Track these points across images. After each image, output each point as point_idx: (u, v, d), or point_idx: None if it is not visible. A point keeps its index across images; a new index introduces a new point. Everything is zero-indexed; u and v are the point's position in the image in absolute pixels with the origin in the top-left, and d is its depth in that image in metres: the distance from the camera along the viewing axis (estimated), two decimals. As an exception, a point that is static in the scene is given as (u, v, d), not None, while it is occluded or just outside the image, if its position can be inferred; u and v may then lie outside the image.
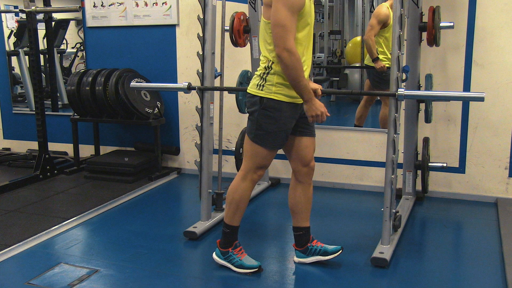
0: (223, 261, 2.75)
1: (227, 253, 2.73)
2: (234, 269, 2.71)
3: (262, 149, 2.56)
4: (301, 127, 2.64)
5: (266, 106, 2.48)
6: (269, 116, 2.48)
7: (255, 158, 2.59)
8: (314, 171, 2.73)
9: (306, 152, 2.67)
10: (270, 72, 2.46)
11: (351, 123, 4.72)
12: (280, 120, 2.49)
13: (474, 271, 2.78)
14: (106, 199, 3.92)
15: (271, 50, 2.43)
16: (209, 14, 3.31)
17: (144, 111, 4.53)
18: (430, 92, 3.30)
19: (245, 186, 2.65)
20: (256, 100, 2.50)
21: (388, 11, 4.38)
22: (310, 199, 2.74)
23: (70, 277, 2.65)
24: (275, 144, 2.58)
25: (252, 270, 2.69)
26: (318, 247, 2.76)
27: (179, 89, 3.44)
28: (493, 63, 3.66)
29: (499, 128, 3.72)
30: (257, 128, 2.53)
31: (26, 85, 6.03)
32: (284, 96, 2.46)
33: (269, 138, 2.54)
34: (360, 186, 4.20)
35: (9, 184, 4.25)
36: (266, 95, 2.47)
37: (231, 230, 2.71)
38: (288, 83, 2.42)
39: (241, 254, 2.73)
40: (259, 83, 2.49)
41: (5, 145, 5.65)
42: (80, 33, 6.73)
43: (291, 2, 2.28)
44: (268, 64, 2.47)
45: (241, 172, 2.67)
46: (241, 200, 2.67)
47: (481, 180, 3.84)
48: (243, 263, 2.70)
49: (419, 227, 3.44)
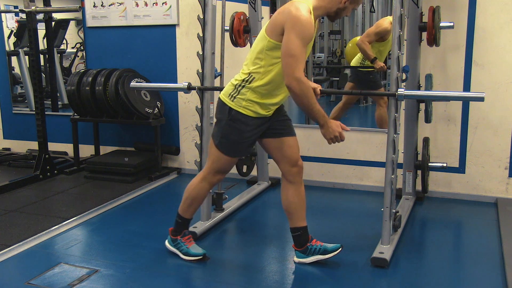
0: (173, 248, 2.90)
1: (176, 240, 2.88)
2: (181, 256, 2.86)
3: (224, 156, 2.66)
4: (278, 129, 2.69)
5: (234, 118, 2.56)
6: (235, 127, 2.57)
7: (216, 163, 2.71)
8: (303, 170, 2.75)
9: (291, 152, 2.70)
10: (246, 86, 2.52)
11: (351, 123, 4.73)
12: (245, 133, 2.59)
13: (474, 271, 2.78)
14: (106, 199, 3.92)
15: (260, 66, 2.48)
16: (209, 14, 3.31)
17: (144, 111, 4.53)
18: (430, 92, 3.30)
19: (202, 186, 2.78)
20: (225, 109, 2.57)
21: (390, 27, 4.34)
22: (303, 198, 2.75)
23: (70, 277, 2.65)
24: (237, 153, 2.71)
25: (197, 258, 2.84)
26: (318, 246, 2.76)
27: (179, 89, 3.44)
28: (493, 63, 3.66)
29: (499, 128, 3.72)
30: (222, 136, 2.62)
31: (26, 85, 6.03)
32: (252, 112, 2.55)
33: (232, 147, 2.65)
34: (360, 186, 4.20)
35: (9, 184, 4.25)
36: (235, 107, 2.55)
37: (183, 221, 2.87)
38: (261, 101, 2.52)
39: (189, 243, 2.88)
40: (232, 93, 2.56)
41: (5, 145, 5.65)
42: (80, 33, 6.73)
43: (304, 34, 2.34)
44: (248, 78, 2.52)
45: (202, 173, 2.79)
46: (196, 198, 2.81)
47: (481, 180, 3.84)
48: (189, 251, 2.85)
49: (419, 227, 3.44)
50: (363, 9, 6.40)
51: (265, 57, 2.46)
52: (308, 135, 4.30)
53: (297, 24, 2.32)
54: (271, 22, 2.45)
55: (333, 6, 2.47)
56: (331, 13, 2.52)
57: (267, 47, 2.44)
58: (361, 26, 6.42)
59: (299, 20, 2.32)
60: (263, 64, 2.47)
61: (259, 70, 2.48)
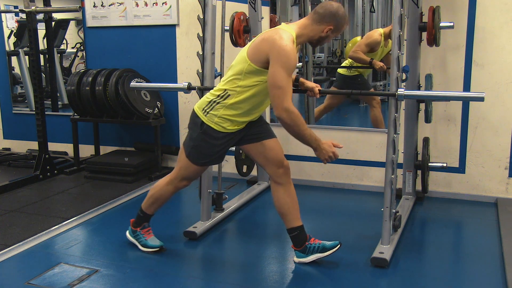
0: (132, 239, 3.02)
1: (135, 232, 3.00)
2: (140, 247, 2.98)
3: (193, 165, 2.73)
4: (256, 133, 2.73)
5: (205, 132, 2.61)
6: (206, 141, 2.63)
7: (184, 170, 2.78)
8: (290, 169, 2.76)
9: (274, 154, 2.72)
10: (221, 102, 2.57)
11: (351, 123, 4.73)
12: (215, 146, 2.65)
13: (474, 271, 2.78)
14: (106, 199, 3.92)
15: (237, 86, 2.53)
16: (209, 14, 3.31)
17: (144, 111, 4.53)
18: (430, 92, 3.30)
19: (167, 189, 2.88)
20: (198, 122, 2.63)
21: (380, 38, 4.53)
22: (294, 197, 2.76)
23: (70, 277, 2.65)
24: (206, 163, 2.79)
25: (154, 249, 2.95)
26: (316, 244, 2.76)
27: (179, 89, 3.44)
28: (493, 63, 3.66)
29: (499, 128, 3.72)
30: (193, 147, 2.68)
31: (26, 85, 6.02)
32: (223, 128, 2.60)
33: (202, 158, 2.71)
34: (360, 186, 4.20)
35: (9, 184, 4.25)
36: (207, 122, 2.60)
37: (144, 215, 2.99)
38: (234, 119, 2.57)
39: (148, 235, 2.99)
40: (205, 108, 2.62)
41: (5, 145, 5.65)
42: (80, 33, 6.72)
43: (289, 64, 2.39)
44: (223, 94, 2.57)
45: (169, 176, 2.87)
46: (160, 198, 2.92)
47: (481, 180, 3.84)
48: (147, 243, 2.96)
49: (419, 227, 3.44)
50: (363, 9, 6.39)
51: (243, 79, 2.52)
52: (308, 135, 4.30)
53: (282, 55, 2.38)
54: (255, 47, 2.49)
55: (316, 34, 2.54)
56: (313, 41, 2.59)
57: (247, 70, 2.50)
58: (361, 26, 6.41)
59: (284, 51, 2.38)
60: (240, 84, 2.53)
61: (236, 89, 2.54)
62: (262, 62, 2.45)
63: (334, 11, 2.52)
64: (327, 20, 2.52)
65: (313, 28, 2.53)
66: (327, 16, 2.51)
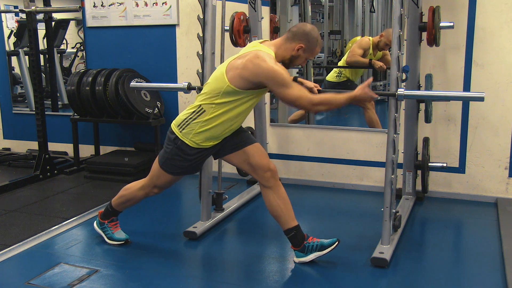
0: (99, 230, 3.10)
1: (103, 224, 3.08)
2: (106, 239, 3.06)
3: (167, 175, 2.79)
4: (235, 143, 2.75)
5: (179, 148, 2.66)
6: (180, 155, 2.68)
7: (157, 179, 2.85)
8: (277, 172, 2.77)
9: (257, 159, 2.73)
10: (196, 119, 2.61)
11: (351, 123, 4.73)
12: (190, 161, 2.70)
13: (474, 271, 2.78)
14: (106, 199, 3.91)
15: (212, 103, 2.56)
16: (209, 14, 3.31)
17: (144, 111, 4.53)
18: (430, 92, 3.30)
19: (138, 193, 2.95)
20: (172, 138, 2.69)
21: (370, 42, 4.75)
22: (286, 198, 2.76)
23: (70, 277, 2.65)
24: (180, 174, 2.83)
25: (120, 242, 3.04)
26: (315, 243, 2.76)
27: (179, 89, 3.44)
28: (493, 63, 3.66)
29: (499, 128, 3.72)
30: (167, 159, 2.73)
31: (26, 85, 6.03)
32: (197, 144, 2.66)
33: (176, 169, 2.77)
34: (360, 186, 4.20)
35: (9, 184, 4.25)
36: (182, 138, 2.65)
37: (113, 211, 3.06)
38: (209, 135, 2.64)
39: (115, 228, 3.08)
40: (181, 124, 2.66)
41: (5, 145, 5.65)
42: (80, 33, 6.72)
43: (286, 78, 2.48)
44: (197, 110, 2.62)
45: (142, 182, 2.94)
46: (131, 201, 3.00)
47: (481, 180, 3.84)
48: (113, 236, 3.05)
49: (419, 227, 3.44)
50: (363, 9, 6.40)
51: (220, 97, 2.55)
52: (308, 135, 4.31)
53: (276, 77, 2.45)
54: (236, 72, 2.49)
55: (287, 53, 2.58)
56: (285, 60, 2.63)
57: (225, 90, 2.52)
58: (361, 26, 6.42)
59: (274, 72, 2.45)
60: (216, 102, 2.56)
61: (211, 106, 2.57)
62: (244, 85, 2.50)
63: (307, 31, 2.58)
64: (299, 38, 2.57)
65: (286, 47, 2.58)
66: (299, 34, 2.57)
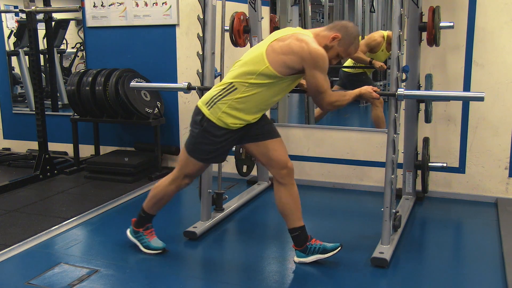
0: (134, 239, 2.97)
1: (138, 232, 2.96)
2: (141, 248, 2.94)
3: (195, 161, 2.71)
4: (260, 133, 2.70)
5: (206, 129, 2.59)
6: (207, 138, 2.61)
7: (186, 168, 2.77)
8: (294, 171, 2.74)
9: (277, 154, 2.70)
10: (226, 96, 2.55)
11: (351, 123, 4.73)
12: (218, 144, 2.63)
13: (474, 271, 2.78)
14: (106, 199, 3.92)
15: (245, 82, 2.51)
16: (209, 14, 3.31)
17: (144, 111, 4.53)
18: (430, 92, 3.30)
19: (170, 188, 2.85)
20: (198, 120, 2.61)
21: (381, 41, 4.59)
22: (297, 198, 2.75)
23: (70, 277, 2.65)
24: (208, 160, 2.76)
25: (157, 251, 2.92)
26: (317, 245, 2.76)
27: (179, 89, 3.44)
28: (493, 63, 3.66)
29: (499, 128, 3.72)
30: (194, 143, 2.66)
31: (26, 85, 6.03)
32: (225, 124, 2.57)
33: (203, 154, 2.70)
34: (360, 186, 4.20)
35: (9, 184, 4.25)
36: (210, 116, 2.58)
37: (146, 216, 2.95)
38: (238, 115, 2.56)
39: (151, 236, 2.95)
40: (209, 102, 2.59)
41: (5, 145, 5.65)
42: (80, 33, 6.72)
43: (326, 67, 2.50)
44: (228, 87, 2.55)
45: (171, 176, 2.85)
46: (162, 198, 2.89)
47: (481, 180, 3.84)
48: (149, 245, 2.93)
49: (419, 227, 3.44)
50: (363, 9, 6.39)
51: (255, 78, 2.50)
52: (308, 135, 4.31)
53: (317, 60, 2.45)
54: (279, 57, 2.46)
55: (322, 42, 2.55)
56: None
57: (263, 72, 2.48)
58: (361, 26, 6.41)
59: (317, 55, 2.45)
60: (250, 82, 2.51)
61: (244, 85, 2.52)
62: (284, 71, 2.48)
63: (347, 25, 2.59)
64: (337, 28, 2.57)
65: (323, 35, 2.56)
66: (339, 25, 2.58)
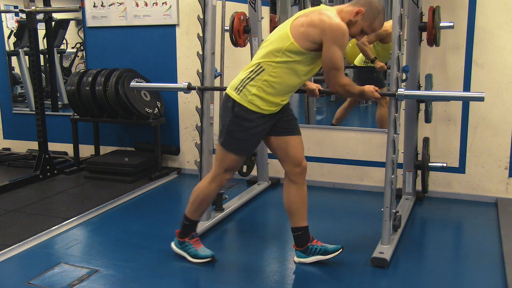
0: (180, 250, 2.86)
1: (183, 243, 2.85)
2: (189, 258, 2.82)
3: (230, 154, 2.65)
4: (284, 127, 2.68)
5: (237, 115, 2.54)
6: (239, 124, 2.55)
7: (224, 162, 2.69)
8: (306, 170, 2.74)
9: (295, 152, 2.70)
10: (254, 79, 2.50)
11: (351, 123, 4.73)
12: (250, 130, 2.57)
13: (474, 271, 2.78)
14: (106, 199, 3.92)
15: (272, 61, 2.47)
16: (209, 14, 3.31)
17: (144, 111, 4.53)
18: (430, 92, 3.30)
19: (211, 188, 2.77)
20: (229, 106, 2.56)
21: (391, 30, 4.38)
22: (305, 198, 2.75)
23: (70, 277, 2.65)
24: (242, 150, 2.68)
25: (206, 260, 2.80)
26: (318, 246, 2.76)
27: (179, 89, 3.44)
28: (493, 63, 3.66)
29: (499, 128, 3.72)
30: (227, 133, 2.60)
31: (26, 85, 6.03)
32: (256, 107, 2.53)
33: (237, 144, 2.62)
34: (360, 186, 4.20)
35: (9, 184, 4.25)
36: (240, 100, 2.53)
37: (191, 223, 2.84)
38: (267, 98, 2.51)
39: (197, 245, 2.84)
40: (238, 86, 2.55)
41: (5, 145, 5.65)
42: (80, 33, 6.72)
43: (344, 43, 2.44)
44: (256, 69, 2.51)
45: (210, 174, 2.78)
46: (205, 200, 2.80)
47: (481, 180, 3.84)
48: (197, 253, 2.81)
49: (419, 227, 3.44)
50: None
51: (281, 56, 2.46)
52: (308, 135, 4.29)
53: (339, 37, 2.40)
54: (302, 30, 2.43)
55: (346, 17, 2.50)
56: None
57: (288, 48, 2.44)
58: (361, 26, 6.43)
59: (337, 29, 2.39)
60: (276, 61, 2.47)
61: (271, 64, 2.48)
62: (307, 45, 2.43)
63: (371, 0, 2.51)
64: (360, 3, 2.50)
65: (347, 10, 2.50)
66: (361, 0, 2.51)
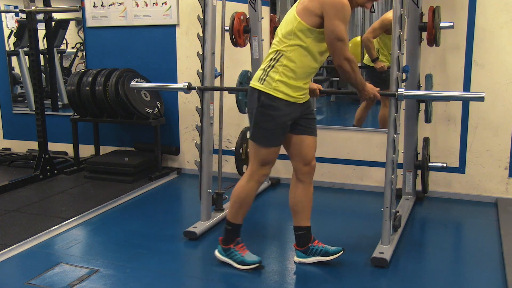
0: (225, 258, 2.78)
1: (228, 249, 2.77)
2: (235, 265, 2.74)
3: (261, 148, 2.61)
4: (303, 126, 2.67)
5: (264, 104, 2.52)
6: (266, 113, 2.53)
7: (258, 157, 2.64)
8: (314, 171, 2.74)
9: (307, 151, 2.70)
10: (275, 66, 2.50)
11: (351, 123, 4.73)
12: (277, 118, 2.53)
13: (474, 271, 2.78)
14: (106, 199, 3.92)
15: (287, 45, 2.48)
16: (209, 14, 3.31)
17: (144, 111, 4.53)
18: (430, 92, 3.30)
19: (250, 186, 2.69)
20: (255, 97, 2.55)
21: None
22: (310, 198, 2.75)
23: (70, 277, 2.65)
24: (272, 142, 2.61)
25: (253, 266, 2.72)
26: (319, 247, 2.76)
27: (179, 89, 3.44)
28: (493, 63, 3.66)
29: (499, 128, 3.72)
30: (255, 126, 2.58)
31: (26, 85, 6.03)
32: (282, 94, 2.51)
33: (265, 136, 2.59)
34: (360, 186, 4.20)
35: (9, 184, 4.25)
36: (265, 89, 2.51)
37: (233, 227, 2.75)
38: (290, 83, 2.50)
39: (243, 251, 2.77)
40: (261, 76, 2.55)
41: (5, 145, 5.65)
42: (80, 33, 6.73)
43: (346, 17, 2.43)
44: (276, 56, 2.51)
45: (247, 173, 2.71)
46: (245, 200, 2.71)
47: (481, 180, 3.84)
48: (244, 260, 2.74)
49: (419, 227, 3.44)
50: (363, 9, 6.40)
51: (293, 38, 2.47)
52: (308, 135, 4.30)
53: (339, 9, 2.40)
54: (304, 7, 2.45)
55: None
56: None
57: (297, 28, 2.46)
58: (361, 26, 6.41)
59: (339, 4, 2.39)
60: (290, 43, 2.48)
61: (287, 48, 2.49)
62: (312, 21, 2.44)
63: None
64: None
65: None
66: None
